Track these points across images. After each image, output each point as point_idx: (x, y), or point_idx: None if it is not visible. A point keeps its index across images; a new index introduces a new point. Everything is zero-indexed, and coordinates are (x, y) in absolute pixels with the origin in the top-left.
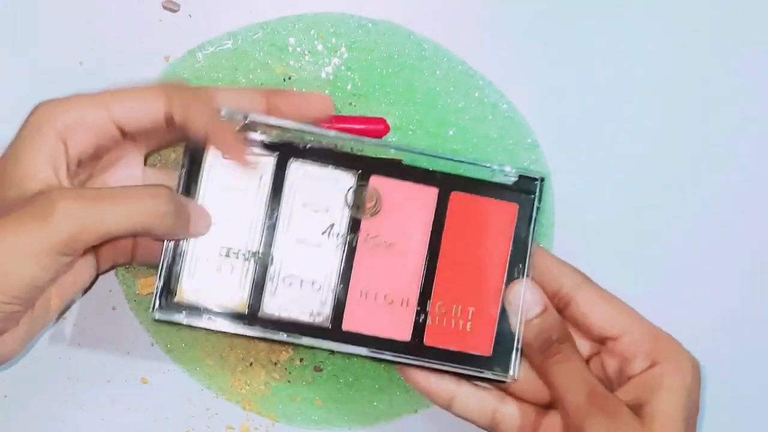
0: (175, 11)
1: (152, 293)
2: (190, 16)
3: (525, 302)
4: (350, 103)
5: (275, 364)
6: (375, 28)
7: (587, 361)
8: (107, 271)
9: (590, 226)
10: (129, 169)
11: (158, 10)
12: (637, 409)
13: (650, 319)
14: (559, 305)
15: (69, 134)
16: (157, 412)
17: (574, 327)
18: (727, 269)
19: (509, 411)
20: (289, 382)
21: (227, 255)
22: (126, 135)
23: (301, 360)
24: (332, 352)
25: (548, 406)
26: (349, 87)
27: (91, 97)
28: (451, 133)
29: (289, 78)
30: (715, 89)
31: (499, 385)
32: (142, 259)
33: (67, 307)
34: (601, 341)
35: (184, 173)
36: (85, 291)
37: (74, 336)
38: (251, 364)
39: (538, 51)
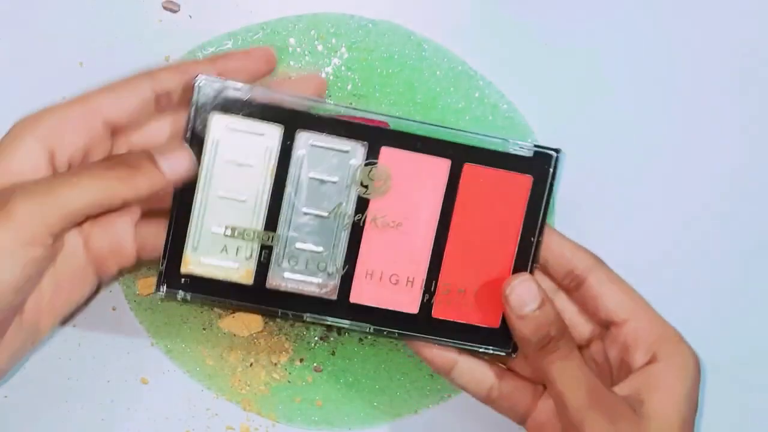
0: (175, 11)
1: (152, 293)
2: (190, 16)
3: (522, 296)
4: (350, 104)
5: (275, 364)
6: (375, 28)
7: (587, 344)
8: (115, 279)
9: (590, 225)
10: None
11: (158, 10)
12: (635, 405)
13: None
14: (571, 286)
15: (55, 138)
16: (157, 412)
17: (583, 309)
18: (727, 269)
19: (507, 388)
20: (289, 382)
21: (233, 228)
22: (115, 131)
23: (301, 360)
24: (338, 329)
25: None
26: (349, 87)
27: (74, 99)
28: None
29: (289, 78)
30: (715, 89)
31: (501, 359)
32: (148, 257)
33: (67, 320)
34: (606, 325)
35: (188, 142)
36: (87, 303)
37: (74, 336)
38: (251, 365)
39: (538, 51)
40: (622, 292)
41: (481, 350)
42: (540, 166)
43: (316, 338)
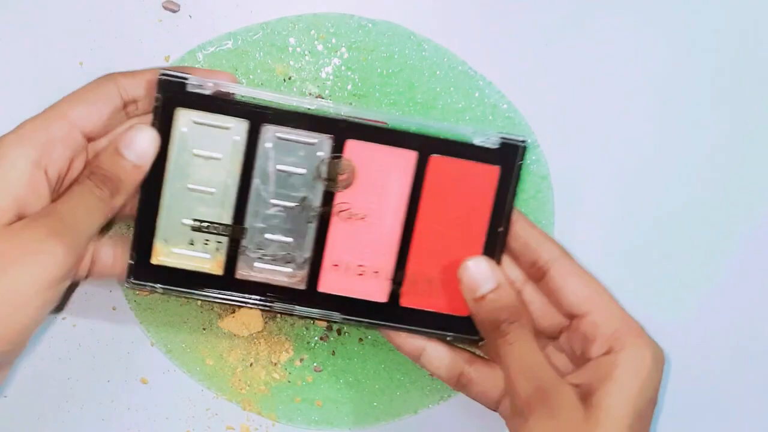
0: (175, 11)
1: (152, 294)
2: (190, 16)
3: (475, 277)
4: (350, 104)
5: (275, 364)
6: (375, 28)
7: (558, 334)
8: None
9: (590, 225)
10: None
11: (158, 10)
12: (585, 396)
13: (649, 315)
14: (536, 276)
15: (46, 157)
16: (157, 412)
17: (549, 300)
18: (726, 268)
19: (477, 374)
20: (289, 382)
21: (202, 220)
22: (90, 138)
23: (301, 360)
24: (338, 329)
25: None
26: (349, 87)
27: (49, 113)
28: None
29: (289, 78)
30: (716, 89)
31: (472, 346)
32: (99, 275)
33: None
34: (570, 317)
35: None
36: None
37: (74, 336)
38: (251, 365)
39: (538, 51)
40: (582, 284)
41: (448, 338)
42: (507, 157)
43: (316, 338)
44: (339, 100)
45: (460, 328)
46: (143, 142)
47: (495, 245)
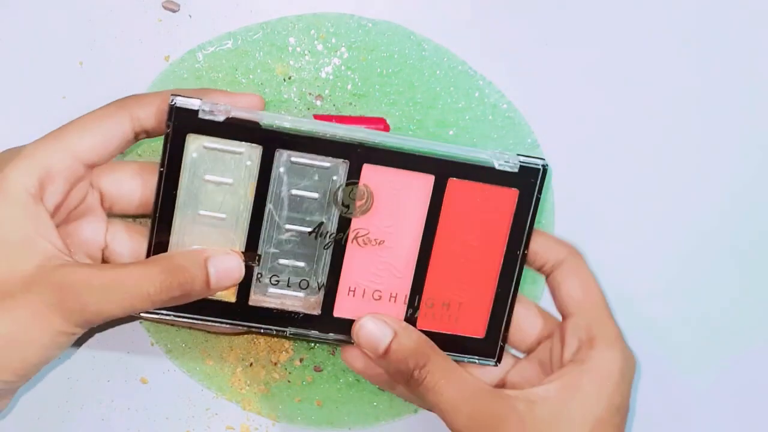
0: (175, 11)
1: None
2: (190, 16)
3: (372, 334)
4: (350, 103)
5: (275, 364)
6: (375, 28)
7: (538, 344)
8: None
9: (590, 225)
10: (94, 223)
11: (158, 10)
12: (555, 409)
13: (647, 315)
14: (545, 275)
15: (44, 190)
16: (157, 412)
17: (553, 298)
18: (725, 267)
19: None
20: (289, 382)
21: (214, 246)
22: (93, 166)
23: (301, 360)
24: (322, 342)
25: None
26: (349, 87)
27: (52, 139)
28: (451, 133)
29: (289, 78)
30: (716, 88)
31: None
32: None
33: None
34: (564, 318)
35: (165, 164)
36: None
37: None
38: (251, 365)
39: (538, 51)
40: (577, 286)
41: (466, 360)
42: (526, 180)
43: None
44: (339, 100)
45: (476, 350)
46: (232, 273)
47: (513, 268)
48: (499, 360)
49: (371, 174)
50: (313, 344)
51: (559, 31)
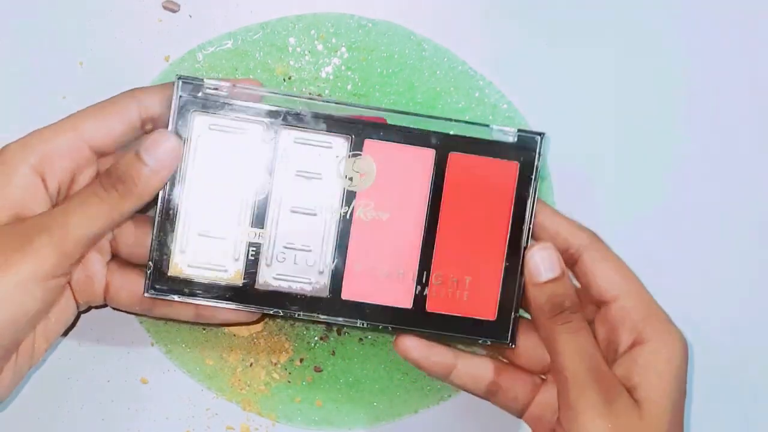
0: (175, 11)
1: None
2: (190, 16)
3: (539, 264)
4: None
5: (275, 364)
6: (375, 28)
7: None
8: (86, 311)
9: (590, 225)
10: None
11: (158, 10)
12: (627, 389)
13: None
14: (568, 264)
15: (46, 166)
16: (157, 412)
17: (581, 286)
18: (728, 264)
19: (506, 382)
20: (289, 382)
21: (220, 228)
22: (100, 153)
23: (301, 360)
24: (338, 329)
25: (545, 374)
26: (349, 87)
27: (60, 124)
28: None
29: (289, 78)
30: (716, 87)
31: (499, 351)
32: (114, 301)
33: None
34: (599, 305)
35: None
36: (68, 330)
37: (74, 336)
38: (251, 365)
39: (538, 51)
40: (613, 270)
41: (480, 342)
42: (525, 151)
43: (316, 338)
44: (339, 100)
45: (489, 333)
46: (166, 147)
47: (519, 242)
48: (512, 341)
49: (373, 149)
50: (313, 344)
51: (560, 31)
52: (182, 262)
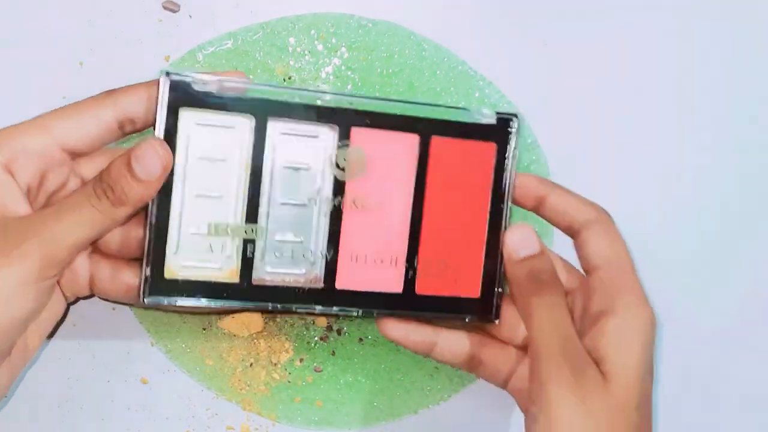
0: (175, 11)
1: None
2: (190, 16)
3: (518, 244)
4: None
5: (275, 364)
6: (375, 28)
7: (567, 295)
8: (74, 302)
9: None
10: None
11: (158, 10)
12: (595, 360)
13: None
14: (572, 235)
15: (13, 165)
16: (157, 412)
17: (578, 257)
18: (725, 259)
19: (488, 355)
20: (289, 382)
21: (213, 226)
22: (75, 155)
23: (301, 360)
24: (338, 330)
25: (526, 349)
26: (349, 87)
27: (32, 122)
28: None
29: (289, 78)
30: (715, 87)
31: (483, 325)
32: (101, 293)
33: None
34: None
35: None
36: (58, 325)
37: (74, 336)
38: (251, 365)
39: (538, 51)
40: (606, 242)
41: (466, 320)
42: (502, 133)
43: (316, 338)
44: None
45: (474, 310)
46: (155, 159)
47: (499, 223)
48: (497, 317)
49: (360, 137)
50: (313, 344)
51: (559, 31)
52: (177, 264)
